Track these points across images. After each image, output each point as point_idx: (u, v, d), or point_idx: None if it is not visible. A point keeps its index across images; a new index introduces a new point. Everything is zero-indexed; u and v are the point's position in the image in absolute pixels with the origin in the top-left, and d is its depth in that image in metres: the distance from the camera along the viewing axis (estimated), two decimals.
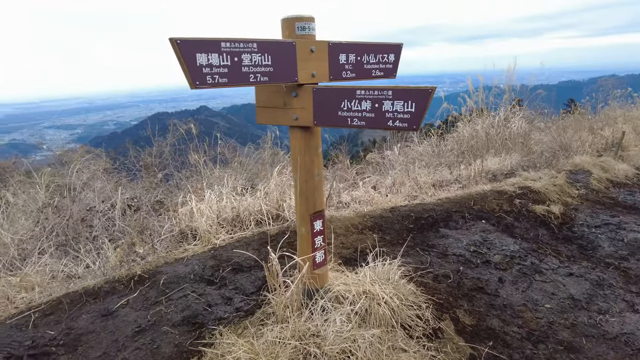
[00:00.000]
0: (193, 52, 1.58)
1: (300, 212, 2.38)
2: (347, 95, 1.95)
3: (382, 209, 4.23)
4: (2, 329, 2.50)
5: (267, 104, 2.25)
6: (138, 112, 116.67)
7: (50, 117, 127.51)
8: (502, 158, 6.36)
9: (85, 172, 4.65)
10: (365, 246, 3.41)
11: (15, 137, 66.56)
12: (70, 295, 2.83)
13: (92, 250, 3.51)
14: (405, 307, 2.57)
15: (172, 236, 3.70)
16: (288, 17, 2.01)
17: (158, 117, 8.11)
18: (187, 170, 4.97)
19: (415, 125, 1.77)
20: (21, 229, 3.93)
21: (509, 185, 4.93)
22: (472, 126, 7.31)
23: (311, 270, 2.41)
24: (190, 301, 2.75)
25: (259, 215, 4.00)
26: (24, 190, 4.54)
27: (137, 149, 5.19)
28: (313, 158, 2.28)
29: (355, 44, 2.22)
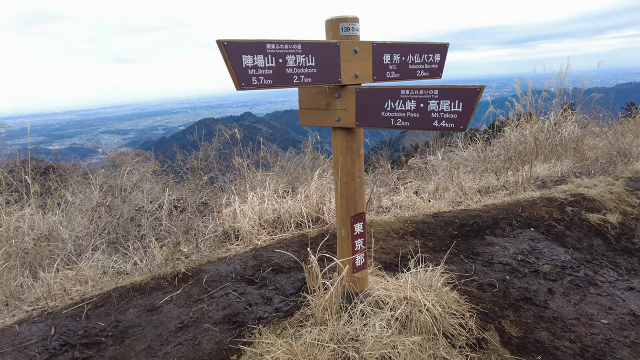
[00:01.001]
0: (239, 54, 1.62)
1: (341, 214, 2.36)
2: (390, 95, 1.92)
3: (424, 214, 4.13)
4: (59, 318, 2.65)
5: (310, 105, 2.26)
6: (186, 117, 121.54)
7: (106, 123, 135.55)
8: (552, 164, 6.04)
9: (136, 174, 4.87)
10: (406, 252, 3.34)
11: (75, 142, 71.29)
12: (119, 290, 2.96)
13: (139, 248, 3.66)
14: (448, 315, 2.48)
15: (215, 236, 3.79)
16: (332, 18, 2.01)
17: (205, 122, 8.40)
18: (231, 174, 5.10)
19: (463, 125, 1.72)
20: (77, 226, 4.17)
21: (560, 193, 4.67)
22: (520, 131, 7.01)
23: (351, 273, 2.39)
24: (231, 300, 2.80)
25: (299, 218, 4.02)
26: (81, 190, 4.83)
27: (184, 152, 5.39)
28: (354, 159, 2.26)
29: (400, 44, 2.19)
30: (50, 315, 2.69)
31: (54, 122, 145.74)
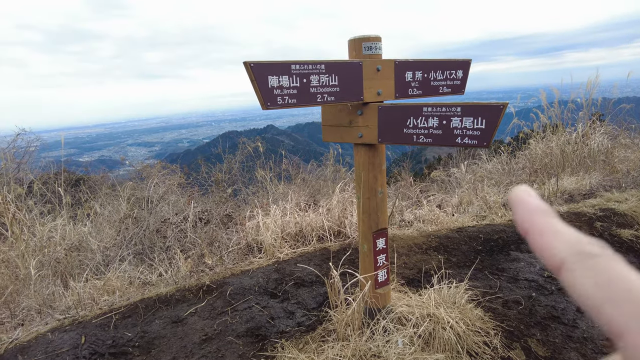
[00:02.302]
0: (265, 75, 1.67)
1: (363, 230, 2.37)
2: (413, 112, 1.93)
3: (447, 229, 4.08)
4: (88, 327, 2.74)
5: (333, 122, 2.30)
6: (210, 130, 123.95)
7: (133, 135, 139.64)
8: (580, 177, 5.89)
9: (162, 186, 5.00)
10: (429, 267, 3.31)
11: (103, 154, 73.62)
12: (146, 301, 3.03)
13: (165, 260, 3.74)
14: (472, 332, 2.44)
15: (239, 249, 3.85)
16: (355, 38, 2.05)
17: (228, 135, 8.58)
18: (254, 186, 5.17)
19: (486, 142, 1.71)
20: (106, 237, 4.31)
21: (589, 207, 4.54)
22: (546, 143, 6.87)
23: (373, 289, 2.38)
24: (254, 313, 2.83)
25: (320, 231, 4.04)
26: (109, 201, 4.99)
27: (209, 165, 5.51)
28: (377, 175, 2.28)
29: (422, 61, 2.20)
30: (80, 325, 2.78)
31: (84, 135, 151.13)
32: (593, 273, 0.24)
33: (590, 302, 0.24)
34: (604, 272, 0.24)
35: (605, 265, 0.25)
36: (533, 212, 0.29)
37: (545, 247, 0.27)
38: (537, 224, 0.28)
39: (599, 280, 0.24)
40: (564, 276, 0.26)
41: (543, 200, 0.30)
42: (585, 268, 0.25)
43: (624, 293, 0.23)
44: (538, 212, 0.29)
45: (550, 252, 0.27)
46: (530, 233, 0.28)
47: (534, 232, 0.28)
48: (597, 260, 0.25)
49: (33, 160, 5.35)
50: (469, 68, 2.40)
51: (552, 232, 0.28)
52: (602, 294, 0.23)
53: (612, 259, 0.25)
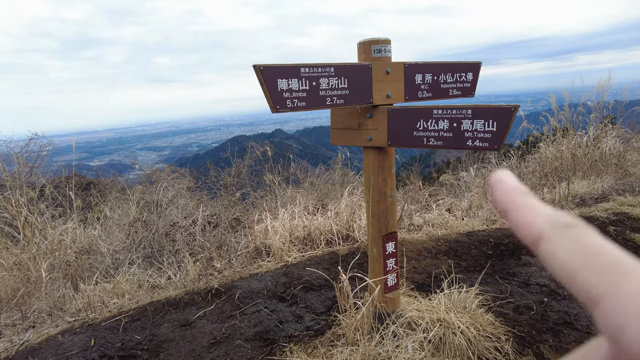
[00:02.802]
0: (275, 78, 1.67)
1: (372, 234, 2.36)
2: (423, 115, 1.92)
3: (457, 233, 4.04)
4: (98, 330, 2.75)
5: (342, 125, 2.29)
6: (219, 135, 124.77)
7: (143, 140, 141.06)
8: (592, 181, 5.81)
9: (171, 190, 5.03)
10: (439, 272, 3.28)
11: (114, 158, 74.41)
12: (154, 304, 3.04)
13: (174, 263, 3.75)
14: (483, 338, 2.41)
15: (247, 252, 3.85)
16: (364, 41, 2.05)
17: (237, 139, 8.63)
18: (262, 190, 5.18)
19: (497, 145, 1.70)
20: (115, 240, 4.33)
21: (601, 211, 4.47)
22: (556, 146, 6.79)
23: (382, 294, 2.36)
24: (263, 317, 2.82)
25: (329, 235, 4.03)
26: (119, 205, 5.03)
27: (218, 169, 5.53)
28: (386, 179, 2.26)
29: (432, 64, 2.19)
30: (90, 327, 2.80)
31: (94, 139, 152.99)
32: (569, 241, 0.25)
33: (566, 270, 0.25)
34: (580, 240, 0.25)
35: (581, 233, 0.26)
36: (511, 191, 0.30)
37: (523, 221, 0.28)
38: (515, 202, 0.29)
39: (575, 247, 0.25)
40: (542, 247, 0.27)
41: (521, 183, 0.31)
42: (562, 237, 0.26)
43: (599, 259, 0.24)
44: (516, 191, 0.30)
45: (528, 226, 0.28)
46: (509, 210, 0.29)
47: (512, 209, 0.29)
48: (573, 229, 0.26)
49: (45, 164, 5.41)
50: (479, 70, 2.38)
51: (530, 208, 0.29)
52: (577, 260, 0.24)
53: (587, 229, 0.26)
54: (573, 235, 0.26)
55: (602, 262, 0.23)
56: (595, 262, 0.24)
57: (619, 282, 0.22)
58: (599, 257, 0.24)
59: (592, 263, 0.24)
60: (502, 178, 0.32)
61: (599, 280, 0.23)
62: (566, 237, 0.26)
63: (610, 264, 0.23)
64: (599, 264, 0.23)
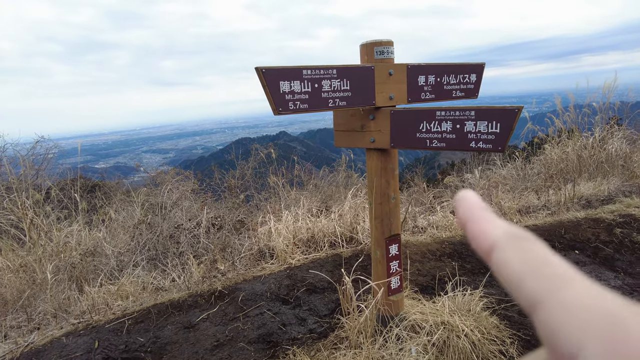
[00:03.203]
0: (277, 80, 1.67)
1: (376, 236, 2.35)
2: (426, 116, 1.91)
3: (462, 235, 4.02)
4: (102, 332, 2.76)
5: (345, 127, 2.29)
6: (224, 137, 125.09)
7: (148, 142, 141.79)
8: (598, 182, 5.76)
9: (175, 192, 5.04)
10: (443, 274, 3.26)
11: (119, 160, 74.74)
12: (158, 306, 3.05)
13: (178, 265, 3.76)
14: (487, 341, 2.39)
15: (251, 254, 3.85)
16: (367, 42, 2.04)
17: (241, 142, 8.67)
18: (266, 192, 5.18)
19: (501, 146, 1.68)
20: (120, 242, 4.35)
21: (607, 213, 4.43)
22: (562, 148, 6.75)
23: (386, 296, 2.35)
24: (266, 319, 2.82)
25: (332, 237, 4.02)
26: (124, 207, 5.05)
27: (222, 171, 5.55)
28: (389, 180, 2.25)
29: (435, 65, 2.19)
30: (94, 329, 2.81)
31: (100, 142, 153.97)
32: (520, 251, 0.27)
33: (514, 279, 0.26)
34: (529, 250, 0.27)
35: (531, 245, 0.27)
36: (472, 206, 0.33)
37: (479, 232, 0.30)
38: (474, 215, 0.32)
39: (525, 256, 0.26)
40: (494, 257, 0.28)
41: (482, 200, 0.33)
42: (514, 247, 0.27)
43: (544, 268, 0.25)
44: (476, 206, 0.32)
45: (483, 236, 0.30)
46: (468, 222, 0.32)
47: (471, 221, 0.31)
48: (524, 241, 0.28)
49: (51, 166, 5.45)
50: (483, 72, 2.37)
51: (486, 220, 0.31)
52: (525, 268, 0.26)
53: (537, 241, 0.28)
54: (523, 246, 0.27)
55: (545, 271, 0.25)
56: (540, 270, 0.25)
57: (558, 289, 0.24)
58: (544, 266, 0.25)
59: (537, 271, 0.25)
60: (465, 195, 0.34)
61: (540, 287, 0.24)
62: (517, 247, 0.27)
63: (552, 272, 0.25)
64: (542, 273, 0.25)
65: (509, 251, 0.27)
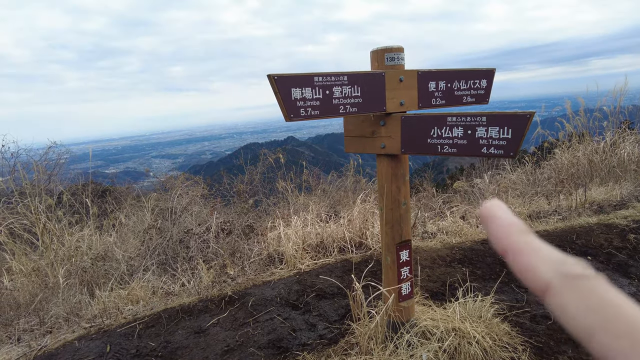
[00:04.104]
0: (288, 87, 1.69)
1: (386, 242, 2.34)
2: (437, 122, 1.91)
3: (472, 240, 4.00)
4: (113, 336, 2.78)
5: (355, 133, 2.30)
6: (232, 142, 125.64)
7: (157, 148, 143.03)
8: (610, 187, 5.69)
9: (185, 197, 5.08)
10: (454, 280, 3.24)
11: (129, 166, 75.40)
12: (169, 311, 3.06)
13: (187, 270, 3.78)
14: (499, 348, 2.37)
15: (260, 259, 3.86)
16: (377, 49, 2.05)
17: (250, 147, 8.72)
18: (275, 197, 5.20)
19: (513, 152, 1.68)
20: (130, 247, 4.39)
21: (620, 218, 4.38)
22: (572, 152, 6.68)
23: (397, 302, 2.34)
24: (276, 325, 2.82)
25: (342, 243, 4.02)
26: (134, 212, 5.09)
27: (231, 176, 5.58)
28: (400, 186, 2.25)
29: (445, 71, 2.19)
30: (106, 333, 2.83)
31: (110, 147, 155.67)
32: (582, 296, 0.23)
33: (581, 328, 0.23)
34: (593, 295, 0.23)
35: (593, 287, 0.24)
36: (509, 229, 0.28)
37: (527, 268, 0.26)
38: (516, 243, 0.27)
39: (589, 304, 0.23)
40: (550, 300, 0.25)
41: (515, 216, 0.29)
42: (573, 291, 0.24)
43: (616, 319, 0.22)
44: (514, 229, 0.28)
45: (533, 274, 0.26)
46: (510, 252, 0.27)
47: (514, 251, 0.27)
48: (584, 282, 0.24)
49: (63, 172, 5.52)
50: (493, 77, 2.36)
51: (533, 252, 0.26)
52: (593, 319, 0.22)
53: (599, 281, 0.24)
54: (584, 289, 0.24)
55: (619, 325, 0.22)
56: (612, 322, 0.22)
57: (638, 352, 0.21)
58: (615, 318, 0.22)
59: (609, 323, 0.22)
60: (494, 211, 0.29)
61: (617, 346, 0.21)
62: (577, 291, 0.24)
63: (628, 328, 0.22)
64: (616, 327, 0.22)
65: (568, 296, 0.24)
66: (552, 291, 0.25)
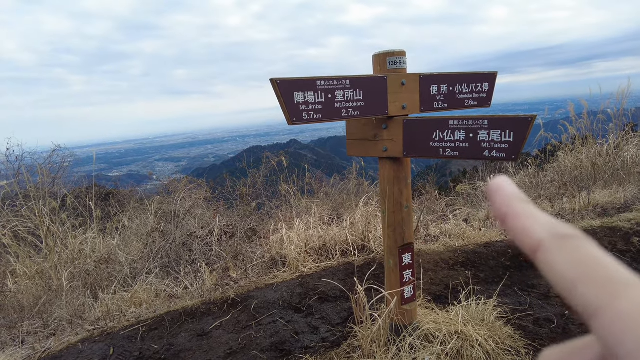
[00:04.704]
0: (291, 91, 1.70)
1: (389, 245, 2.35)
2: (439, 125, 1.92)
3: (475, 244, 3.99)
4: (117, 338, 2.79)
5: (358, 136, 2.31)
6: (235, 146, 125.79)
7: (160, 151, 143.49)
8: (614, 190, 5.67)
9: (188, 201, 5.10)
10: (456, 283, 3.23)
11: (132, 169, 75.53)
12: (172, 314, 3.07)
13: (190, 273, 3.79)
14: (502, 351, 2.36)
15: (263, 262, 3.86)
16: (380, 53, 2.07)
17: (253, 150, 8.71)
18: (278, 200, 5.21)
19: (514, 155, 1.68)
20: (133, 250, 4.40)
21: (624, 221, 4.36)
22: (575, 155, 6.67)
23: (399, 305, 2.34)
24: (279, 327, 2.82)
25: (344, 246, 4.02)
26: (137, 215, 5.12)
27: (234, 179, 5.59)
28: (402, 189, 2.26)
29: (447, 75, 2.20)
30: (109, 336, 2.84)
31: (114, 150, 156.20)
32: (568, 253, 0.25)
33: (564, 282, 0.25)
34: (578, 251, 0.25)
35: (580, 245, 0.25)
36: (510, 198, 0.30)
37: (522, 229, 0.28)
38: (514, 209, 0.29)
39: (574, 259, 0.25)
40: (540, 257, 0.27)
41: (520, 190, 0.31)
42: (561, 248, 0.26)
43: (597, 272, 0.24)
44: (515, 198, 0.30)
45: (527, 234, 0.28)
46: (508, 217, 0.29)
47: (511, 216, 0.29)
48: (572, 240, 0.26)
49: (67, 175, 5.55)
50: (495, 80, 2.37)
51: (529, 216, 0.29)
52: (576, 272, 0.24)
53: (586, 240, 0.26)
54: (571, 247, 0.26)
55: (599, 275, 0.24)
56: (593, 274, 0.24)
57: (616, 297, 0.22)
58: (596, 269, 0.24)
59: (590, 276, 0.24)
60: (500, 185, 0.32)
61: (596, 294, 0.23)
62: (564, 248, 0.26)
63: (608, 277, 0.23)
64: (596, 277, 0.24)
65: (556, 253, 0.26)
66: (542, 249, 0.27)
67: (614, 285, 0.23)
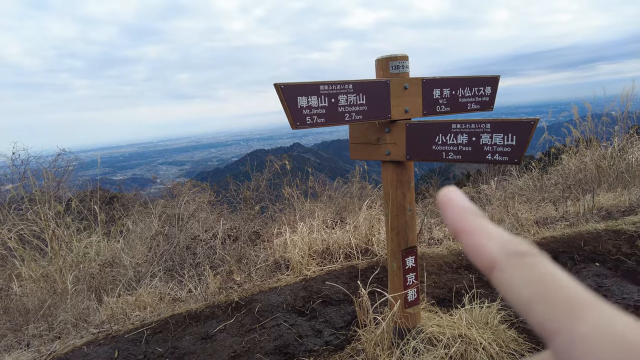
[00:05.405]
0: (295, 96, 1.71)
1: (392, 248, 2.35)
2: (441, 129, 1.93)
3: None
4: (121, 341, 2.80)
5: (361, 140, 2.32)
6: (239, 149, 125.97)
7: (164, 155, 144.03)
8: (618, 193, 5.64)
9: (192, 204, 5.11)
10: (460, 286, 3.23)
11: (136, 172, 75.76)
12: (176, 317, 3.08)
13: (194, 276, 3.80)
14: (506, 354, 2.36)
15: (266, 265, 3.87)
16: (382, 57, 2.08)
17: (256, 153, 8.76)
18: (281, 203, 5.22)
19: (517, 158, 1.69)
20: (137, 253, 4.42)
21: (629, 225, 4.34)
22: (579, 158, 6.65)
23: (403, 309, 2.35)
24: (282, 331, 2.83)
25: (347, 249, 4.02)
26: (141, 219, 5.14)
27: (237, 183, 5.61)
28: (405, 192, 2.27)
29: (450, 79, 2.21)
30: (113, 339, 2.85)
31: (118, 154, 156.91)
32: (524, 271, 0.25)
33: (521, 301, 0.24)
34: (534, 270, 0.24)
35: (535, 263, 0.25)
36: (462, 212, 0.29)
37: (476, 247, 0.27)
38: (467, 224, 0.28)
39: (530, 278, 0.24)
40: (496, 276, 0.26)
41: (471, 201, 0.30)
42: (516, 266, 0.25)
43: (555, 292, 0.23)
44: (467, 211, 0.29)
45: (481, 252, 0.27)
46: (461, 233, 0.28)
47: (465, 232, 0.28)
48: (527, 258, 0.25)
49: (71, 179, 5.58)
50: (498, 84, 2.38)
51: (482, 232, 0.28)
52: (533, 292, 0.23)
53: (542, 258, 0.25)
54: (527, 265, 0.25)
55: (557, 296, 0.23)
56: (550, 295, 0.23)
57: (576, 319, 0.22)
58: (554, 289, 0.23)
59: (546, 296, 0.23)
60: (450, 197, 0.30)
61: (555, 315, 0.22)
62: (520, 267, 0.25)
63: (566, 297, 0.23)
64: (554, 298, 0.23)
65: (511, 271, 0.25)
66: (497, 267, 0.26)
67: (573, 307, 0.22)
